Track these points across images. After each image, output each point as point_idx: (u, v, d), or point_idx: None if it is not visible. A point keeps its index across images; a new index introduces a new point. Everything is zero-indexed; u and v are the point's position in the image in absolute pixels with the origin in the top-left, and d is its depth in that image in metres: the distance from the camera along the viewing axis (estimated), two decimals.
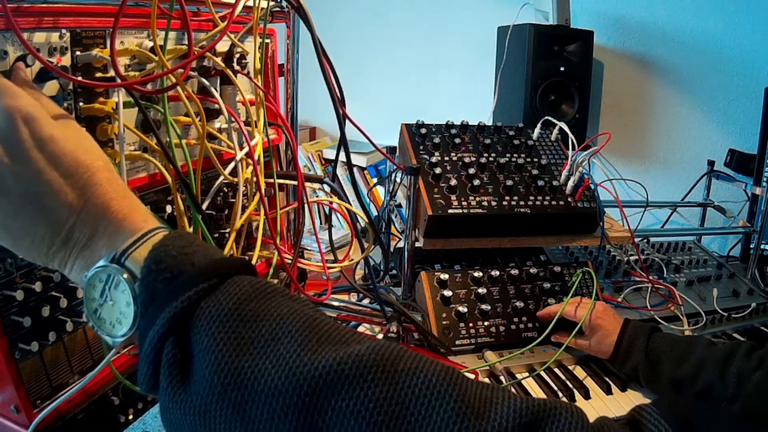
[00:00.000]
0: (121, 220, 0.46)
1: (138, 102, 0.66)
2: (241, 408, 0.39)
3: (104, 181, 0.47)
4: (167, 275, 0.43)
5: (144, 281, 0.43)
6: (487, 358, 1.06)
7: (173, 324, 0.41)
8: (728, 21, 1.79)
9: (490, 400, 0.39)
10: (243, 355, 0.40)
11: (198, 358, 0.40)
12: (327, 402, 0.38)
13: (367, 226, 1.01)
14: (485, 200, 1.20)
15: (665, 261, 1.45)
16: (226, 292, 0.43)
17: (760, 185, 1.60)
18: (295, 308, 0.43)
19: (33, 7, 0.56)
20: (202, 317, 0.41)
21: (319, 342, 0.41)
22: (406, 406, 0.37)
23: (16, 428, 0.60)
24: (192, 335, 0.41)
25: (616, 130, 1.51)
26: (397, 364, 0.39)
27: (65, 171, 0.46)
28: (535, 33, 1.68)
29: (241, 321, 0.41)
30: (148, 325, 0.42)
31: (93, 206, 0.46)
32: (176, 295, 0.42)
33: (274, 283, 0.45)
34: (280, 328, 0.41)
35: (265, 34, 0.86)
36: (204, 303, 0.42)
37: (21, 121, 0.46)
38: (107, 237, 0.46)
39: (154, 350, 0.41)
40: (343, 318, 1.14)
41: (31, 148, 0.45)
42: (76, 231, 0.46)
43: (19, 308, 0.58)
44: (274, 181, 0.91)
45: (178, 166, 0.70)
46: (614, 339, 1.03)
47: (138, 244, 0.45)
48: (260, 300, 0.43)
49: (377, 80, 2.26)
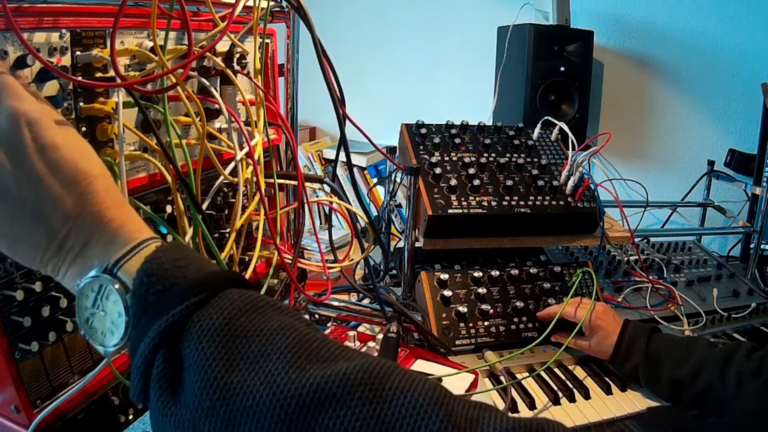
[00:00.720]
0: (115, 229, 0.46)
1: (138, 102, 0.65)
2: (230, 423, 0.39)
3: (101, 189, 0.47)
4: (159, 288, 0.43)
5: (136, 293, 0.43)
6: (487, 358, 1.06)
7: (164, 337, 0.42)
8: (728, 21, 1.79)
9: (476, 419, 0.39)
10: (233, 370, 0.40)
11: (188, 372, 0.41)
12: (314, 420, 0.38)
13: (367, 226, 1.01)
14: (485, 200, 1.20)
15: (665, 261, 1.45)
16: (217, 306, 0.43)
17: (760, 185, 1.60)
18: (286, 323, 0.43)
19: (33, 7, 0.56)
20: (193, 331, 0.42)
21: (308, 359, 0.41)
22: (392, 426, 0.38)
23: (16, 428, 0.60)
24: (183, 349, 0.42)
25: (616, 130, 1.51)
26: (385, 383, 0.39)
27: (64, 178, 0.46)
28: (535, 33, 1.68)
29: (231, 336, 0.42)
30: (140, 337, 0.42)
31: (89, 214, 0.46)
32: (167, 308, 0.42)
33: (265, 297, 0.46)
34: (269, 344, 0.41)
35: (265, 34, 0.86)
36: (195, 317, 0.42)
37: (25, 125, 0.46)
38: (101, 246, 0.46)
39: (145, 363, 0.42)
40: (343, 318, 1.14)
41: (33, 153, 0.45)
42: (70, 239, 0.46)
43: (19, 308, 0.58)
44: (274, 181, 0.91)
45: (178, 166, 0.70)
46: (614, 340, 1.03)
47: (131, 255, 0.45)
48: (251, 315, 0.43)
49: (377, 80, 2.26)
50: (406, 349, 1.00)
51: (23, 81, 0.53)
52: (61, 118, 0.51)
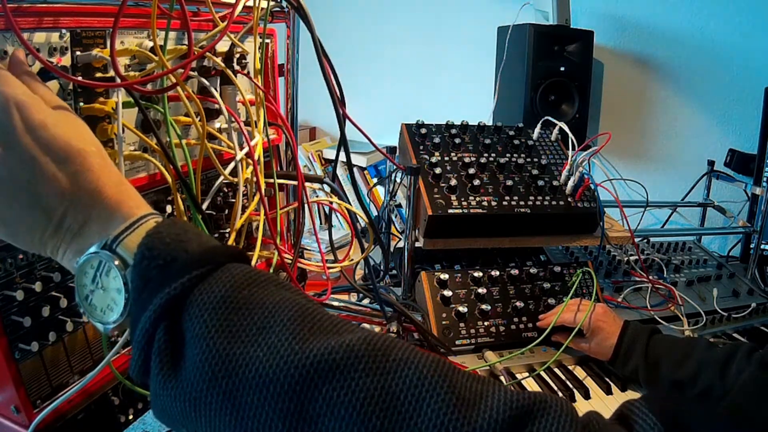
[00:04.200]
0: (113, 206, 0.46)
1: (138, 102, 0.65)
2: (232, 395, 0.39)
3: (96, 166, 0.47)
4: (160, 262, 0.43)
5: (137, 268, 0.43)
6: (487, 358, 1.06)
7: (165, 310, 0.41)
8: (728, 21, 1.79)
9: (480, 392, 0.39)
10: (235, 342, 0.40)
11: (190, 345, 0.40)
12: (317, 390, 0.38)
13: (367, 226, 1.01)
14: (485, 200, 1.20)
15: (665, 261, 1.45)
16: (219, 279, 0.43)
17: (760, 185, 1.60)
18: (288, 297, 0.43)
19: (33, 7, 0.56)
20: (195, 304, 0.41)
21: (311, 331, 0.41)
22: (396, 397, 0.37)
23: (16, 428, 0.60)
24: (184, 322, 0.41)
25: (616, 130, 1.51)
26: (389, 355, 0.39)
27: (57, 156, 0.46)
28: (535, 33, 1.68)
29: (234, 308, 0.41)
30: (140, 311, 0.42)
31: (85, 192, 0.46)
32: (169, 281, 0.42)
33: (267, 272, 0.46)
34: (272, 317, 0.41)
35: (265, 34, 0.86)
36: (197, 290, 0.42)
37: (14, 108, 0.46)
38: (99, 223, 0.46)
39: (146, 336, 0.41)
40: (343, 318, 1.14)
41: (23, 134, 0.45)
42: (68, 217, 0.46)
43: (19, 308, 0.58)
44: (274, 181, 0.91)
45: (178, 166, 0.70)
46: (614, 341, 1.03)
47: (130, 231, 0.45)
48: (253, 288, 0.43)
49: (377, 80, 2.26)
50: None
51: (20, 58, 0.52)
52: (57, 100, 0.50)
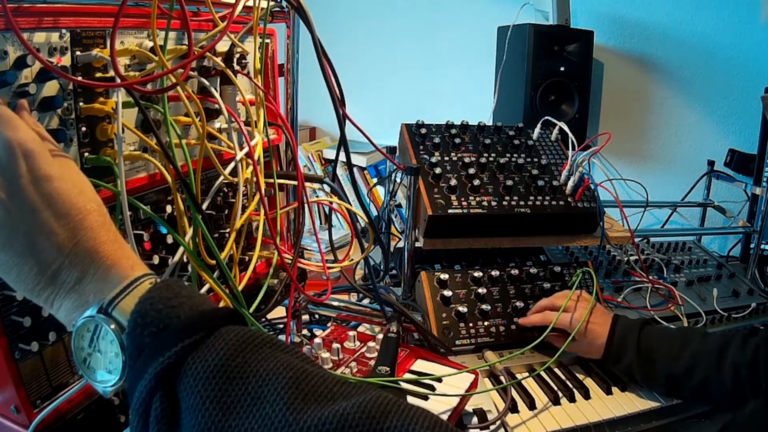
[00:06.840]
0: (109, 266, 0.46)
1: (138, 102, 0.65)
2: None
3: (95, 224, 0.47)
4: (153, 329, 0.43)
5: (131, 335, 0.44)
6: (487, 358, 1.06)
7: (160, 380, 0.42)
8: (728, 21, 1.79)
9: None
10: (230, 414, 0.40)
11: (186, 415, 0.41)
12: None
13: (367, 226, 1.01)
14: (485, 200, 1.20)
15: (665, 261, 1.45)
16: (212, 346, 0.43)
17: (760, 185, 1.60)
18: (283, 360, 0.43)
19: (33, 7, 0.56)
20: (189, 374, 0.42)
21: (305, 400, 0.40)
22: None
23: (16, 428, 0.60)
24: (179, 392, 0.42)
25: (616, 130, 1.51)
26: (383, 422, 0.39)
27: (58, 211, 0.46)
28: (535, 33, 1.68)
29: (228, 378, 0.41)
30: (136, 379, 0.42)
31: (83, 249, 0.46)
32: (162, 350, 0.42)
33: (261, 333, 0.45)
34: (266, 385, 0.41)
35: (265, 34, 0.86)
36: (190, 358, 0.42)
37: (21, 156, 0.46)
38: (95, 283, 0.46)
39: (143, 404, 0.42)
40: (343, 318, 1.14)
41: (27, 185, 0.46)
42: (63, 272, 0.46)
43: (19, 308, 0.58)
44: (274, 181, 0.91)
45: (178, 166, 0.70)
46: (604, 340, 1.01)
47: (125, 293, 0.45)
48: (247, 354, 0.43)
49: (377, 80, 2.26)
50: (406, 349, 1.00)
51: (26, 109, 0.53)
52: (60, 150, 0.51)
